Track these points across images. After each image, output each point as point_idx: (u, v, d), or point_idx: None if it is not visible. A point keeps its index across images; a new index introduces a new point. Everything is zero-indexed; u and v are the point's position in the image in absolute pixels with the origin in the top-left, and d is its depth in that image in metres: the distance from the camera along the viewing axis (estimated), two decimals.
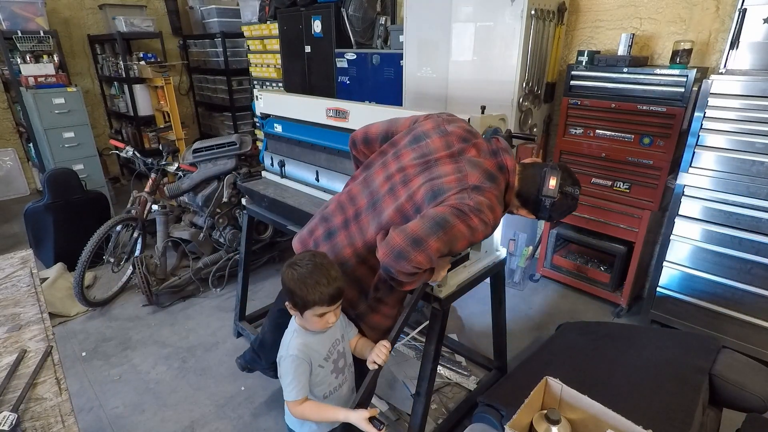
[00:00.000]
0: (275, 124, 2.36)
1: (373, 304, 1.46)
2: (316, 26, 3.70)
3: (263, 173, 2.56)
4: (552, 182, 1.32)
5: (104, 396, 2.27)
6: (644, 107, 2.49)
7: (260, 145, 2.81)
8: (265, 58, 4.51)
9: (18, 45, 4.12)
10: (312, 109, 2.08)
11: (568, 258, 3.17)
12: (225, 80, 5.06)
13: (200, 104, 5.91)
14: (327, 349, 1.37)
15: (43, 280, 3.06)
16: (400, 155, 1.40)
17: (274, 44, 4.28)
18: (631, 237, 2.75)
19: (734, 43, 2.23)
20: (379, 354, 1.33)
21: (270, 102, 2.36)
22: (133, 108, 4.85)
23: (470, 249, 1.78)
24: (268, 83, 4.58)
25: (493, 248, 1.92)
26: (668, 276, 2.55)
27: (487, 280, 1.97)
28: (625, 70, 2.51)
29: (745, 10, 2.17)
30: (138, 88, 4.79)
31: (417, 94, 3.13)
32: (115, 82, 5.18)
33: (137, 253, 3.08)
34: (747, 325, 2.33)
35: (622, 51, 2.57)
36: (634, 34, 2.55)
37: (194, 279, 3.09)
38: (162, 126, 4.96)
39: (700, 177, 2.29)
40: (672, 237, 2.46)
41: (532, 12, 2.49)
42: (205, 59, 5.33)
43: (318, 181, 2.18)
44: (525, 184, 1.37)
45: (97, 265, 3.14)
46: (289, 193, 2.29)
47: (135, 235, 3.05)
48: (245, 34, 4.59)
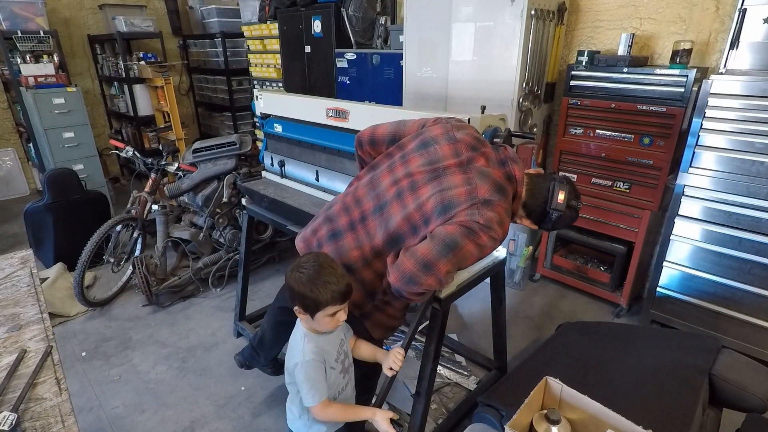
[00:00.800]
0: (275, 124, 2.36)
1: (380, 305, 1.47)
2: (316, 26, 3.70)
3: (263, 173, 2.56)
4: (561, 196, 1.34)
5: (104, 396, 2.27)
6: (644, 107, 2.49)
7: (260, 145, 2.81)
8: (265, 58, 4.51)
9: (18, 45, 4.12)
10: (312, 109, 2.08)
11: (568, 258, 3.17)
12: (225, 80, 5.06)
13: (200, 104, 5.91)
14: (336, 349, 1.38)
15: (43, 280, 3.06)
16: (407, 160, 1.40)
17: (274, 44, 4.28)
18: (631, 237, 2.75)
19: (734, 43, 2.23)
20: (396, 361, 1.37)
21: (270, 102, 2.36)
22: (133, 108, 4.85)
23: None
24: (268, 83, 4.58)
25: None
26: (668, 276, 2.55)
27: (487, 280, 1.97)
28: (625, 70, 2.50)
29: (745, 10, 2.17)
30: (138, 88, 4.79)
31: (417, 94, 3.13)
32: (115, 82, 5.18)
33: (137, 253, 3.08)
34: (747, 325, 2.33)
35: (622, 51, 2.57)
36: (634, 34, 2.55)
37: (194, 279, 3.09)
38: (162, 126, 4.96)
39: (700, 177, 2.29)
40: (672, 237, 2.46)
41: (532, 12, 2.49)
42: (205, 59, 5.34)
43: (318, 181, 2.18)
44: (532, 196, 1.37)
45: (97, 265, 3.14)
46: (289, 193, 2.29)
47: (135, 235, 3.05)
48: (245, 34, 4.59)
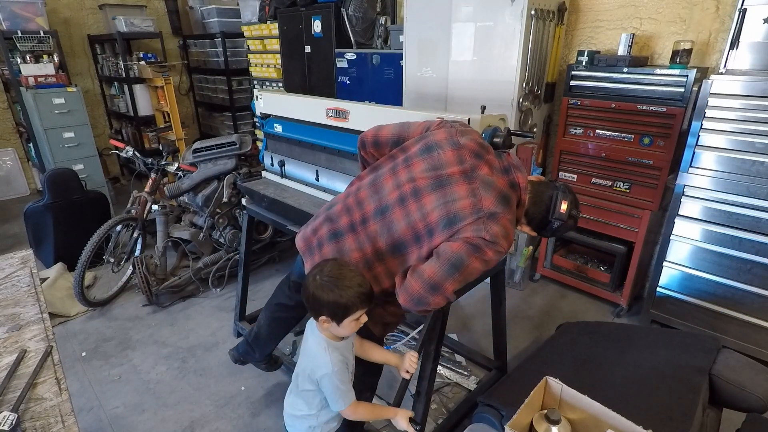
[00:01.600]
0: (275, 124, 2.36)
1: (382, 303, 1.48)
2: (316, 26, 3.70)
3: (263, 173, 2.56)
4: (564, 206, 1.35)
5: (104, 396, 2.27)
6: (644, 107, 2.49)
7: (260, 145, 2.81)
8: (265, 58, 4.51)
9: (18, 45, 4.12)
10: (312, 109, 2.08)
11: (568, 258, 3.17)
12: (225, 80, 5.06)
13: (200, 104, 5.91)
14: (351, 352, 1.42)
15: (43, 280, 3.06)
16: (410, 164, 1.39)
17: (274, 44, 4.28)
18: (631, 237, 2.75)
19: (734, 43, 2.23)
20: (411, 364, 1.45)
21: (270, 102, 2.36)
22: (133, 108, 4.85)
23: None
24: (268, 83, 4.58)
25: None
26: (668, 276, 2.55)
27: (487, 280, 1.97)
28: (625, 70, 2.50)
29: (745, 10, 2.17)
30: (138, 88, 4.78)
31: (417, 94, 3.13)
32: (115, 82, 5.18)
33: (137, 253, 3.08)
34: (747, 325, 2.33)
35: (622, 51, 2.57)
36: (634, 34, 2.55)
37: (194, 279, 3.09)
38: (162, 126, 4.96)
39: (700, 177, 2.29)
40: (672, 237, 2.46)
41: (532, 12, 2.49)
42: (205, 59, 5.34)
43: (318, 181, 2.18)
44: (535, 204, 1.37)
45: (97, 265, 3.14)
46: (289, 193, 2.29)
47: (135, 235, 3.05)
48: (245, 34, 4.59)
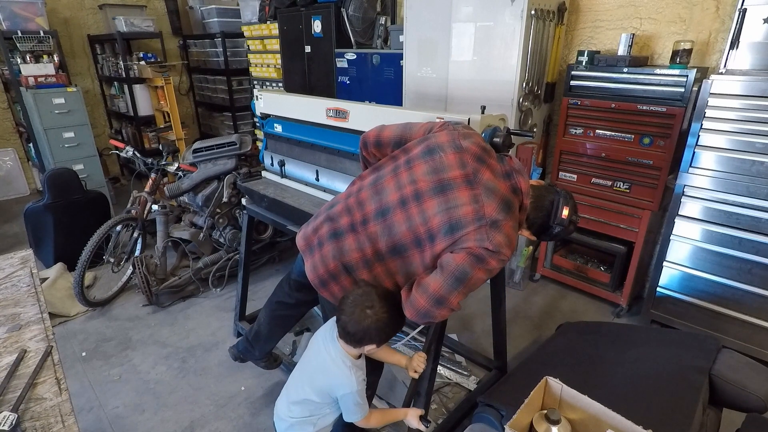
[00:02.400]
0: (275, 124, 2.36)
1: None
2: (316, 26, 3.70)
3: (263, 173, 2.56)
4: (565, 212, 1.36)
5: (104, 396, 2.27)
6: (644, 107, 2.49)
7: (260, 145, 2.81)
8: (265, 58, 4.51)
9: (18, 45, 4.12)
10: (312, 109, 2.08)
11: (568, 258, 3.17)
12: (225, 80, 5.06)
13: (200, 104, 5.91)
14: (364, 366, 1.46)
15: (43, 280, 3.06)
16: (412, 166, 1.38)
17: (274, 44, 4.28)
18: (631, 237, 2.75)
19: (734, 43, 2.23)
20: (420, 364, 1.53)
21: (270, 102, 2.36)
22: (133, 108, 4.85)
23: None
24: (268, 83, 4.58)
25: None
26: (668, 276, 2.55)
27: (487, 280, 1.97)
28: (625, 70, 2.50)
29: (745, 10, 2.17)
30: (138, 88, 4.78)
31: (417, 94, 3.13)
32: (115, 82, 5.17)
33: (137, 253, 3.08)
34: (747, 325, 2.33)
35: (622, 51, 2.57)
36: (634, 34, 2.55)
37: (194, 279, 3.09)
38: (162, 126, 4.96)
39: (700, 177, 2.29)
40: (672, 237, 2.46)
41: (532, 12, 2.49)
42: (205, 59, 5.33)
43: (318, 180, 2.18)
44: (536, 210, 1.38)
45: (97, 265, 3.14)
46: (289, 193, 2.29)
47: (135, 235, 3.05)
48: (245, 34, 4.59)
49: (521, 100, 2.70)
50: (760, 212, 2.17)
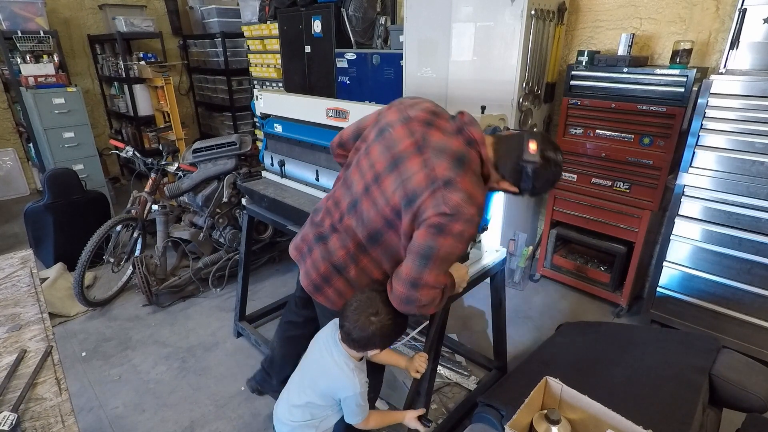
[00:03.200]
0: (275, 124, 2.36)
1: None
2: (316, 26, 3.70)
3: (263, 173, 2.56)
4: (532, 146, 1.25)
5: (104, 396, 2.27)
6: (644, 107, 2.49)
7: (260, 145, 2.81)
8: (265, 58, 4.51)
9: (18, 45, 4.12)
10: (312, 109, 2.08)
11: (568, 258, 3.17)
12: (225, 80, 5.06)
13: (200, 104, 5.91)
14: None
15: (43, 280, 3.06)
16: (369, 151, 1.38)
17: (274, 44, 4.28)
18: (631, 237, 2.75)
19: (734, 43, 2.23)
20: (421, 365, 1.51)
21: (270, 102, 2.36)
22: (133, 108, 4.85)
23: (470, 248, 1.78)
24: (268, 83, 4.58)
25: (493, 248, 1.92)
26: (668, 276, 2.55)
27: (487, 280, 1.97)
28: (625, 70, 2.50)
29: (745, 10, 2.17)
30: (138, 88, 4.78)
31: (417, 94, 3.12)
32: (115, 82, 5.17)
33: (137, 253, 3.08)
34: (747, 325, 2.33)
35: (622, 51, 2.57)
36: (634, 34, 2.55)
37: (194, 279, 3.09)
38: (162, 126, 4.96)
39: (700, 177, 2.29)
40: (672, 237, 2.46)
41: (532, 12, 2.49)
42: (205, 59, 5.33)
43: (318, 180, 2.18)
44: (502, 153, 1.29)
45: (97, 265, 3.14)
46: (288, 193, 2.29)
47: (135, 235, 3.05)
48: (245, 34, 4.59)
49: (521, 100, 2.70)
50: (760, 212, 2.17)
